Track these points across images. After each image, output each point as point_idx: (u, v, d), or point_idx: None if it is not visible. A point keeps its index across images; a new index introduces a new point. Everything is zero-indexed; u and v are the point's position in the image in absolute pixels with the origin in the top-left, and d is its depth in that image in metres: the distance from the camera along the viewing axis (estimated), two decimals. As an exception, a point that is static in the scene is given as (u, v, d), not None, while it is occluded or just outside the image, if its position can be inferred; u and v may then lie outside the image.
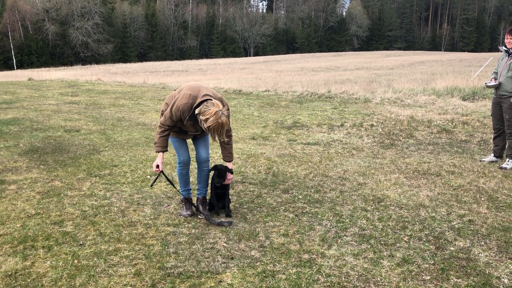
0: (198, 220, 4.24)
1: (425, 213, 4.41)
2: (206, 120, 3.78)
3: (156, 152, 4.19)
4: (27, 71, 42.09)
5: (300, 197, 4.91)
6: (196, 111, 3.86)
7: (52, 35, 65.65)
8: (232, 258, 3.48)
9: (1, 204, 4.63)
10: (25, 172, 5.87)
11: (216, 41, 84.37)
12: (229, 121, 4.08)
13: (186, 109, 3.94)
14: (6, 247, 3.64)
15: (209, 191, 4.60)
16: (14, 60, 62.27)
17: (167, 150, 4.19)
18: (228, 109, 4.03)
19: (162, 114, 4.20)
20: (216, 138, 3.94)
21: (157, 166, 4.18)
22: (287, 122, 9.71)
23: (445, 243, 3.75)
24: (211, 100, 3.86)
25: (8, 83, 21.10)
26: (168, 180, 4.52)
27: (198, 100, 3.89)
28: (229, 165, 4.38)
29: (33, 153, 6.91)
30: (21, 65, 60.82)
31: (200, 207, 4.44)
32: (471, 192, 5.02)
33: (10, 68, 58.12)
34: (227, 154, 4.32)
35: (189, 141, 4.51)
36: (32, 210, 4.48)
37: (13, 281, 3.12)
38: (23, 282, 3.11)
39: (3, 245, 3.68)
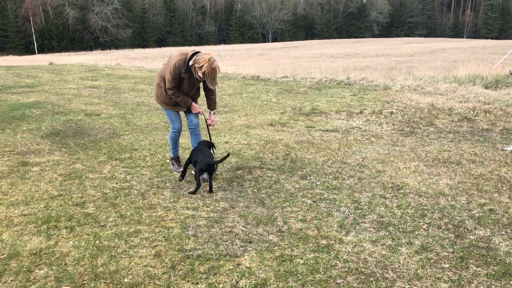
0: (217, 204, 4.28)
1: (444, 202, 4.38)
2: (201, 67, 4.37)
3: (188, 105, 4.97)
4: (48, 55, 42.69)
5: (318, 183, 4.91)
6: (190, 63, 4.45)
7: (72, 20, 66.25)
8: (250, 242, 3.52)
9: (25, 185, 4.74)
10: (47, 154, 5.98)
11: (234, 26, 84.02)
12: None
13: (181, 64, 4.52)
14: (31, 227, 3.74)
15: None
16: (35, 45, 63.10)
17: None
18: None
19: (158, 86, 4.90)
20: (211, 84, 4.53)
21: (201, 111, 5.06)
22: (306, 109, 9.67)
23: (464, 231, 3.72)
24: (201, 52, 4.47)
25: (30, 67, 21.42)
26: (208, 130, 5.40)
27: (189, 55, 4.49)
28: (212, 116, 5.19)
29: (55, 136, 7.03)
30: (42, 50, 61.67)
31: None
32: (492, 181, 4.96)
33: (32, 52, 58.97)
34: (212, 103, 5.11)
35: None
36: (54, 191, 4.58)
37: (38, 259, 3.21)
38: (47, 261, 3.20)
39: (28, 225, 3.78)
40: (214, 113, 5.24)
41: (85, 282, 2.95)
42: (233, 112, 9.38)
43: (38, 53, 57.85)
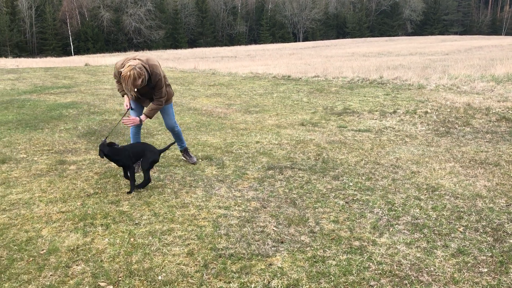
0: (248, 204, 4.29)
1: (482, 204, 4.25)
2: (121, 74, 4.44)
3: (122, 96, 5.01)
4: (83, 57, 43.87)
5: (351, 184, 4.86)
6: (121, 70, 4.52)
7: (106, 22, 67.91)
8: (282, 242, 3.51)
9: (63, 183, 4.88)
10: (83, 153, 6.14)
11: (265, 26, 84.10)
12: (158, 87, 4.86)
13: (117, 73, 4.68)
14: (68, 224, 3.85)
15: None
16: (72, 46, 64.98)
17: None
18: (155, 78, 4.75)
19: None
20: (131, 93, 4.60)
21: (127, 106, 5.02)
22: (337, 108, 9.58)
23: (504, 235, 3.60)
24: (135, 59, 4.55)
25: (66, 69, 22.05)
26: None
27: (124, 62, 4.60)
28: (143, 116, 4.91)
29: (91, 135, 7.21)
30: (78, 51, 63.49)
31: (186, 156, 5.69)
32: (533, 184, 4.78)
33: (68, 54, 60.76)
34: (149, 109, 4.94)
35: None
36: (91, 189, 4.70)
37: (75, 255, 3.30)
38: (84, 257, 3.28)
39: (65, 222, 3.89)
40: (144, 117, 4.93)
41: (120, 278, 3.01)
42: (264, 112, 9.39)
43: (74, 54, 59.57)
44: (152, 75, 4.70)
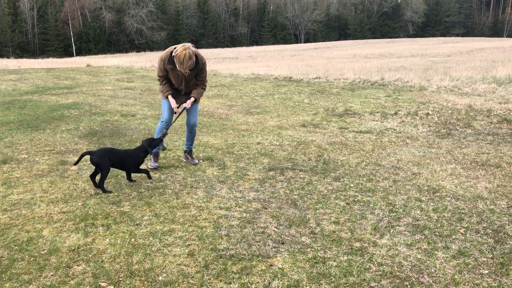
0: (249, 205, 4.29)
1: (483, 205, 4.25)
2: (176, 54, 4.82)
3: (166, 97, 5.37)
4: (85, 57, 43.91)
5: (352, 185, 4.86)
6: (173, 54, 4.90)
7: (108, 23, 67.97)
8: (282, 243, 3.51)
9: (64, 184, 4.89)
10: (85, 154, 6.14)
11: (266, 28, 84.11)
12: (203, 71, 5.26)
13: (166, 56, 5.09)
14: (69, 224, 3.86)
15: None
16: (74, 47, 65.03)
17: (172, 91, 5.36)
18: (202, 61, 5.13)
19: None
20: (186, 70, 4.92)
21: (177, 107, 5.37)
22: (339, 110, 9.58)
23: (505, 237, 3.60)
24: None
25: (68, 69, 22.07)
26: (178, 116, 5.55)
27: (175, 47, 4.97)
28: (192, 98, 5.34)
29: (92, 136, 7.22)
30: (79, 52, 63.52)
31: (189, 157, 5.74)
32: (534, 185, 4.77)
33: (70, 55, 60.80)
34: (195, 93, 5.36)
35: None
36: (92, 190, 4.70)
37: (76, 256, 3.31)
38: (85, 257, 3.29)
39: (66, 222, 3.90)
40: (193, 99, 5.38)
41: (121, 279, 3.01)
42: (265, 113, 9.40)
43: (76, 55, 59.59)
44: (198, 57, 5.08)
